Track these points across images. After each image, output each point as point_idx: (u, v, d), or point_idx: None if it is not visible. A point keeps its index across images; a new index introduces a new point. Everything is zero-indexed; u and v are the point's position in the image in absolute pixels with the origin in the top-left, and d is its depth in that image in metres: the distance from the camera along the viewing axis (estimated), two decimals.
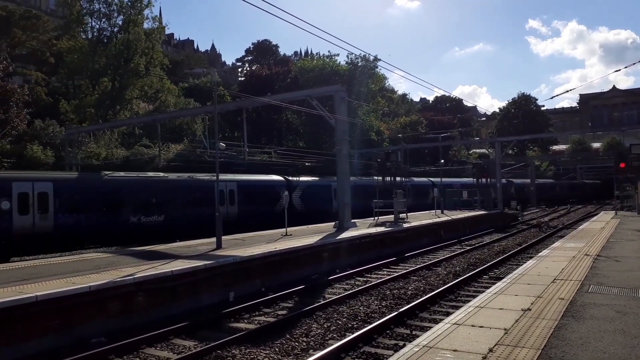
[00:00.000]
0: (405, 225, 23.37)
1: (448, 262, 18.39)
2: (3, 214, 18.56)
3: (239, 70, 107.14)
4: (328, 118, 21.91)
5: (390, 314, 10.48)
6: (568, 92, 48.36)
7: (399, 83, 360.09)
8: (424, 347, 6.03)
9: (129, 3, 42.60)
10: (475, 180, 39.18)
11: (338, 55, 63.18)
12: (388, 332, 9.63)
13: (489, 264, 17.25)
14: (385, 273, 16.37)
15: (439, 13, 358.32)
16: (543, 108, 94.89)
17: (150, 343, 9.34)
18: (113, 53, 41.50)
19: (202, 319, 10.69)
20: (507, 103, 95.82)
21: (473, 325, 6.88)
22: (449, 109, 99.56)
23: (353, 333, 9.34)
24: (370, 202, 26.94)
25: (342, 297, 12.46)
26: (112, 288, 10.37)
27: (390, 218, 25.56)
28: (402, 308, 11.04)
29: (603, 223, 25.10)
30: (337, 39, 55.02)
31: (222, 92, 46.95)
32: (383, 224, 23.51)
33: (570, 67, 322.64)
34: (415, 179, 42.03)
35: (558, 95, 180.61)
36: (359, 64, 54.07)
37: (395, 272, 16.28)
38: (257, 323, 10.59)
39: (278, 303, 12.32)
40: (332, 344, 8.74)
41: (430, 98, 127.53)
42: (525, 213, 44.98)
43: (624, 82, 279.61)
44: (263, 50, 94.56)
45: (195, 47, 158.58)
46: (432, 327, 7.75)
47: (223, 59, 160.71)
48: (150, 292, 11.14)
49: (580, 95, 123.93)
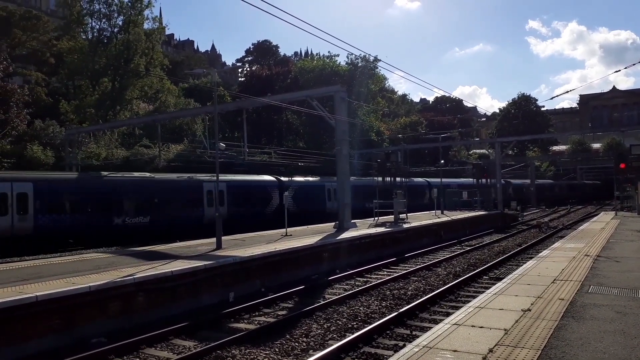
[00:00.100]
0: (405, 226, 23.38)
1: (448, 262, 18.40)
2: None
3: (239, 71, 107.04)
4: (328, 118, 21.92)
5: (390, 315, 10.48)
6: (568, 92, 48.37)
7: (399, 83, 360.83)
8: (424, 347, 6.03)
9: (129, 3, 42.70)
10: (475, 181, 39.21)
11: (338, 56, 63.37)
12: (388, 332, 9.63)
13: (489, 265, 17.26)
14: (385, 273, 16.37)
15: (439, 13, 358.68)
16: (543, 108, 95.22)
17: (150, 343, 9.34)
18: (113, 53, 41.55)
19: (202, 319, 10.69)
20: (507, 103, 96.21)
21: (473, 326, 6.88)
22: (449, 110, 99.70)
23: (353, 333, 9.34)
24: (366, 202, 26.79)
25: (342, 297, 12.46)
26: (112, 288, 10.38)
27: (390, 218, 25.56)
28: (402, 308, 11.04)
29: (603, 223, 25.10)
30: (337, 40, 55.31)
31: (222, 92, 47.03)
32: (383, 225, 23.52)
33: (570, 67, 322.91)
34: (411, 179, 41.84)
35: (558, 96, 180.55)
36: (359, 65, 54.19)
37: (395, 272, 16.29)
38: (257, 323, 10.59)
39: (278, 303, 12.32)
40: (332, 344, 8.74)
41: (430, 98, 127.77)
42: (525, 213, 45.00)
43: (624, 82, 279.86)
44: (263, 51, 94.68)
45: (195, 47, 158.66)
46: (432, 327, 7.75)
47: (223, 60, 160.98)
48: (150, 292, 11.15)
49: (580, 96, 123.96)
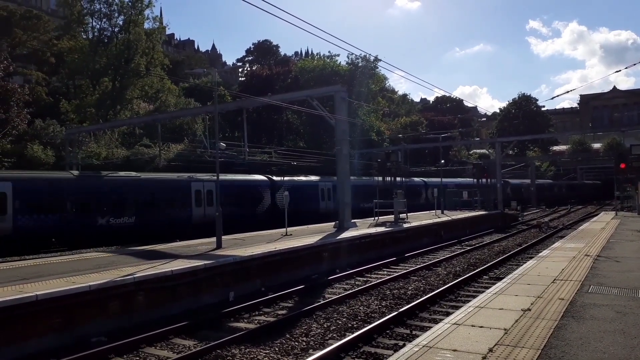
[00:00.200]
0: (405, 226, 23.38)
1: (448, 262, 18.39)
2: None
3: (240, 71, 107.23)
4: (328, 118, 21.91)
5: (390, 314, 10.48)
6: (568, 92, 48.30)
7: (400, 83, 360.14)
8: (424, 347, 6.03)
9: (130, 3, 42.68)
10: (475, 181, 39.21)
11: (338, 56, 63.20)
12: (388, 332, 9.63)
13: (489, 264, 17.25)
14: (385, 273, 16.37)
15: (439, 13, 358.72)
16: (543, 108, 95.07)
17: (150, 342, 9.34)
18: (114, 53, 41.55)
19: (202, 319, 10.69)
20: (507, 103, 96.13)
21: (473, 325, 6.88)
22: (450, 110, 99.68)
23: (353, 333, 9.34)
24: (362, 203, 26.58)
25: (342, 297, 12.46)
26: (112, 287, 10.38)
27: (390, 218, 25.56)
28: (402, 308, 11.04)
29: (603, 223, 25.09)
30: (337, 39, 55.40)
31: (222, 92, 47.01)
32: (383, 224, 23.52)
33: (571, 67, 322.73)
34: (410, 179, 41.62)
35: (558, 96, 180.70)
36: (360, 64, 54.18)
37: (395, 272, 16.28)
38: (257, 323, 10.59)
39: (278, 303, 12.32)
40: (332, 344, 8.74)
41: (431, 98, 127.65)
42: (526, 213, 44.99)
43: (625, 82, 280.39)
44: (263, 51, 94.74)
45: (196, 47, 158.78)
46: (432, 327, 7.74)
47: (223, 59, 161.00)
48: (151, 291, 11.15)
49: (581, 96, 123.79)
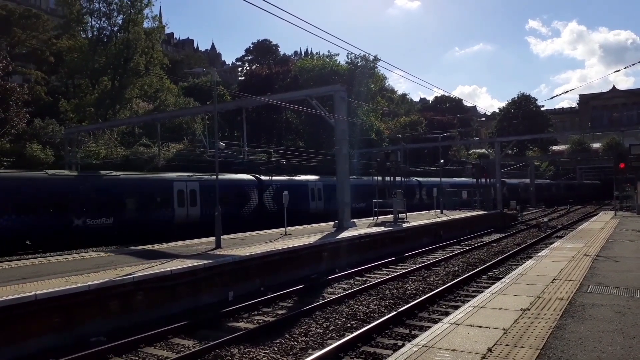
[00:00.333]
0: (405, 225, 23.38)
1: (447, 262, 18.39)
2: None
3: (239, 70, 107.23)
4: (328, 118, 21.90)
5: (390, 314, 10.48)
6: (568, 92, 48.42)
7: (399, 83, 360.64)
8: (423, 346, 6.04)
9: (129, 2, 42.56)
10: (475, 180, 39.22)
11: (338, 55, 63.33)
12: (387, 331, 9.63)
13: (488, 264, 17.25)
14: (385, 273, 16.37)
15: (439, 13, 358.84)
16: (543, 108, 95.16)
17: (150, 342, 9.34)
18: (113, 52, 41.49)
19: (201, 318, 10.69)
20: (506, 103, 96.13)
21: (472, 325, 6.89)
22: (449, 109, 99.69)
23: (352, 332, 9.33)
24: (362, 202, 26.37)
25: (341, 296, 12.45)
26: (111, 287, 10.37)
27: (390, 218, 25.57)
28: (401, 308, 11.05)
29: (602, 223, 25.11)
30: (337, 39, 55.08)
31: (222, 91, 47.01)
32: (382, 224, 23.52)
33: (570, 67, 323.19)
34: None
35: (558, 96, 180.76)
36: (359, 64, 54.10)
37: (395, 272, 16.28)
38: (256, 322, 10.59)
39: (277, 302, 12.32)
40: (331, 344, 8.74)
41: (430, 98, 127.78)
42: (525, 213, 45.02)
43: (624, 82, 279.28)
44: (263, 50, 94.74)
45: (195, 46, 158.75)
46: (431, 326, 7.75)
47: (223, 59, 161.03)
48: (150, 291, 11.14)
49: (580, 96, 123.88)
